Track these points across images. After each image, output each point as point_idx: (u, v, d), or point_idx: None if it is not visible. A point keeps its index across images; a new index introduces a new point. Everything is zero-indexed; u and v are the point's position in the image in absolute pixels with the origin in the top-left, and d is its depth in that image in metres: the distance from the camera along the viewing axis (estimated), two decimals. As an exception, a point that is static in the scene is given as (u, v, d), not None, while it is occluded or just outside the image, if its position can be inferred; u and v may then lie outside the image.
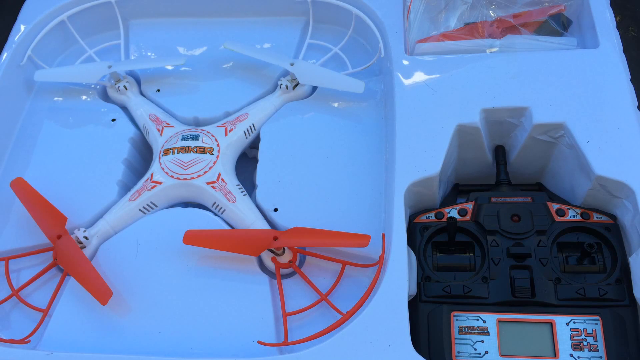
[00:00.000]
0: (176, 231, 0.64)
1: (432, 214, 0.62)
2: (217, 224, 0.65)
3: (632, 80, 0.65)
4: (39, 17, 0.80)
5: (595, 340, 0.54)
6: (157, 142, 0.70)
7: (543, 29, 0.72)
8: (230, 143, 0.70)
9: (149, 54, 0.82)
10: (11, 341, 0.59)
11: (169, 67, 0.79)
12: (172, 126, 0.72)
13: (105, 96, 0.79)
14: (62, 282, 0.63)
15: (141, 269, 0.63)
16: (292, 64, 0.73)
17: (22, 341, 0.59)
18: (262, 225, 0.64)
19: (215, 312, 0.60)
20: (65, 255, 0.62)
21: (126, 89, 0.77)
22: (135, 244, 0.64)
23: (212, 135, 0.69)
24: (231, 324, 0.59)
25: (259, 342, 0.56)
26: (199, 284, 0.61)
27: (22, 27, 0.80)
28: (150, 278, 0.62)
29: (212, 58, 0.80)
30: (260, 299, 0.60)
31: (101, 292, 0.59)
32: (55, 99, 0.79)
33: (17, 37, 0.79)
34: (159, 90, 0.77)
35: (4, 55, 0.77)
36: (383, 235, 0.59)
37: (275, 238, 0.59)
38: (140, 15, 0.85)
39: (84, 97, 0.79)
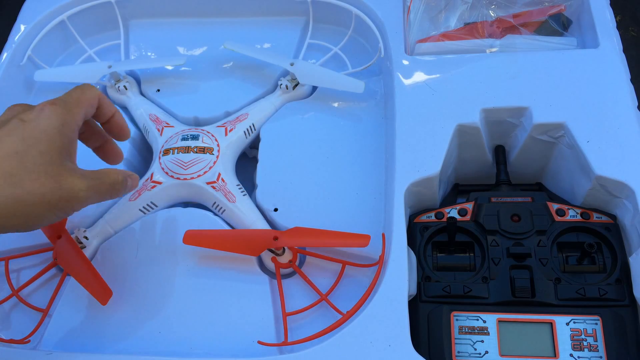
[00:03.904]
0: (176, 231, 0.64)
1: (432, 214, 0.62)
2: (217, 224, 0.65)
3: (632, 80, 0.65)
4: (39, 17, 0.80)
5: (595, 340, 0.54)
6: (157, 142, 0.70)
7: (543, 29, 0.72)
8: (230, 143, 0.69)
9: (149, 54, 0.82)
10: (11, 341, 0.59)
11: (169, 67, 0.79)
12: (172, 126, 0.72)
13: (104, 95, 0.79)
14: (62, 282, 0.63)
15: (141, 269, 0.63)
16: (292, 64, 0.73)
17: (22, 341, 0.59)
18: (262, 225, 0.64)
19: (216, 312, 0.60)
20: (65, 255, 0.62)
21: (126, 89, 0.77)
22: (135, 244, 0.64)
23: (212, 135, 0.69)
24: (231, 324, 0.59)
25: (259, 342, 0.56)
26: (199, 284, 0.61)
27: (22, 27, 0.80)
28: (150, 278, 0.62)
29: (212, 58, 0.80)
30: (260, 299, 0.60)
31: (101, 292, 0.59)
32: (56, 98, 0.79)
33: (17, 37, 0.79)
34: (159, 90, 0.77)
35: (4, 55, 0.77)
36: (383, 235, 0.59)
37: (276, 238, 0.59)
38: (140, 16, 0.85)
39: (84, 97, 0.79)
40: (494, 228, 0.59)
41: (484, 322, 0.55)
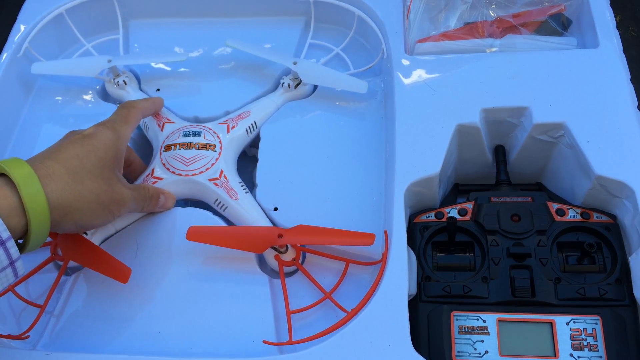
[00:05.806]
0: (176, 231, 0.64)
1: (432, 214, 0.62)
2: (216, 224, 0.65)
3: (632, 80, 0.65)
4: (39, 17, 0.80)
5: (595, 340, 0.54)
6: (158, 137, 0.70)
7: (543, 29, 0.72)
8: (232, 140, 0.69)
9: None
10: (9, 336, 0.58)
11: (171, 62, 0.79)
12: (173, 122, 0.72)
13: (105, 96, 0.79)
14: (59, 277, 0.62)
15: (141, 269, 0.62)
16: (295, 63, 0.73)
17: (21, 336, 0.59)
18: (265, 222, 0.64)
19: (215, 312, 0.60)
20: (72, 247, 0.61)
21: (125, 83, 0.76)
22: (135, 243, 0.64)
23: (214, 132, 0.69)
24: (231, 324, 0.59)
25: (264, 342, 0.56)
26: (198, 284, 0.61)
27: (22, 28, 0.79)
28: (150, 278, 0.62)
29: (212, 58, 0.80)
30: (260, 299, 0.60)
31: (119, 272, 0.59)
32: (56, 99, 0.79)
33: (17, 37, 0.79)
34: (158, 90, 0.77)
35: (4, 55, 0.77)
36: (385, 233, 0.59)
37: (280, 235, 0.59)
38: (140, 16, 0.85)
39: (84, 97, 0.79)
40: (494, 228, 0.59)
41: (484, 321, 0.55)
